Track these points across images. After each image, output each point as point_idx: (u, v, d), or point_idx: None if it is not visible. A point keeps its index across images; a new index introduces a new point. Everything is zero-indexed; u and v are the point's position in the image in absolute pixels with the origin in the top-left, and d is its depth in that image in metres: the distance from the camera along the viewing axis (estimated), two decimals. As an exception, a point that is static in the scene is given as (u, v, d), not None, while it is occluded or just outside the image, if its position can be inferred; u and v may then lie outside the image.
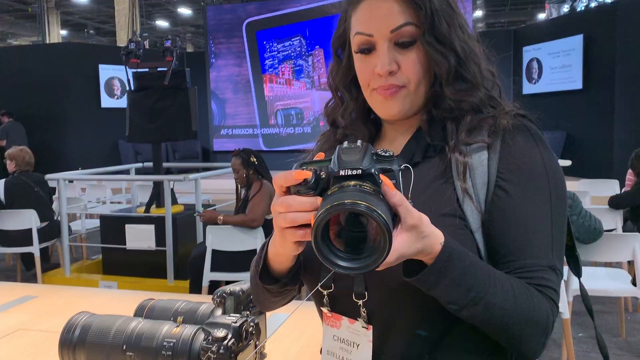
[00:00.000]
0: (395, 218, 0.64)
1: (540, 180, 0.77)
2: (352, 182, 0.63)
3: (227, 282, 1.37)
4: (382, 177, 0.64)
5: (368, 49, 0.82)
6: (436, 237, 0.67)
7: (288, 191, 0.67)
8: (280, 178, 0.67)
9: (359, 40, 0.82)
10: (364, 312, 0.78)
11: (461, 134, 0.80)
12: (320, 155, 0.70)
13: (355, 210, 0.59)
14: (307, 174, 0.66)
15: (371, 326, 0.79)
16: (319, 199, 0.65)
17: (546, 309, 0.73)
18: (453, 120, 0.83)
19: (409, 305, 0.77)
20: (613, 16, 8.72)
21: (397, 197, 0.63)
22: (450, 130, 0.82)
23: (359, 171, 0.64)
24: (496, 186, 0.78)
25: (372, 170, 0.64)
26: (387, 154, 0.67)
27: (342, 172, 0.64)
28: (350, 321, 0.81)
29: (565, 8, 11.75)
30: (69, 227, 4.95)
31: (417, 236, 0.65)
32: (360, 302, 0.78)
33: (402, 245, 0.64)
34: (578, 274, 0.95)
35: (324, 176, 0.66)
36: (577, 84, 9.28)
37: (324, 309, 0.84)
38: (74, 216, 6.09)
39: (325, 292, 0.81)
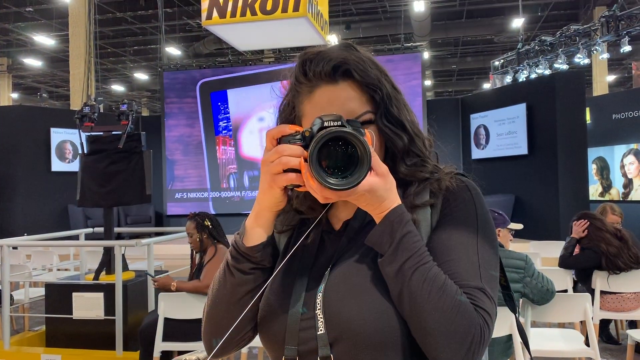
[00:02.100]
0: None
1: (469, 222, 0.85)
2: (335, 126, 0.77)
3: (180, 353, 1.31)
4: (366, 131, 0.80)
5: None
6: (396, 197, 0.80)
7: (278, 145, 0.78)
8: (274, 130, 0.78)
9: None
10: None
11: (407, 198, 0.86)
12: (295, 127, 0.80)
13: (342, 132, 0.74)
14: (299, 127, 0.79)
15: None
16: (306, 153, 0.76)
17: (478, 322, 0.76)
18: (401, 187, 0.88)
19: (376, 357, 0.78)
20: (552, 86, 9.30)
21: (371, 151, 0.75)
22: (400, 195, 0.88)
23: (340, 122, 0.77)
24: (435, 229, 0.86)
25: (348, 126, 0.77)
26: (355, 121, 0.81)
27: (326, 124, 0.76)
28: None
29: (508, 78, 12.44)
30: (11, 296, 4.69)
31: (384, 183, 0.77)
32: None
33: (373, 181, 0.76)
34: (513, 311, 1.02)
35: (307, 134, 0.77)
36: (522, 149, 9.71)
37: None
38: (17, 284, 5.78)
39: None
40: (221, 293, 0.87)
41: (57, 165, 10.85)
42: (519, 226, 3.22)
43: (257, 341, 0.91)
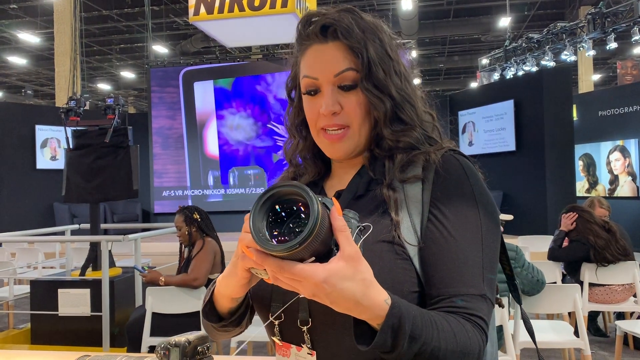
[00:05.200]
0: (335, 249, 0.65)
1: (471, 213, 0.81)
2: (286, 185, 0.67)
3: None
4: (333, 199, 0.67)
5: (314, 91, 0.88)
6: (379, 293, 0.68)
7: None
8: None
9: (306, 83, 0.88)
10: (307, 337, 0.82)
11: (395, 171, 0.85)
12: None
13: (285, 189, 0.63)
14: None
15: (315, 352, 0.82)
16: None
17: (478, 340, 0.75)
18: (390, 158, 0.88)
19: (351, 330, 0.77)
20: (539, 83, 9.35)
21: (340, 222, 0.65)
22: (387, 167, 0.87)
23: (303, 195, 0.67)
24: (430, 215, 0.82)
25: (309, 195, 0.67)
26: (351, 214, 0.70)
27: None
28: (298, 348, 0.84)
29: (496, 76, 12.50)
30: (-5, 293, 4.62)
31: (354, 271, 0.65)
32: (305, 328, 0.81)
33: (336, 270, 0.64)
34: (519, 301, 1.01)
35: None
36: (510, 146, 9.75)
37: (275, 339, 0.86)
38: (1, 282, 5.69)
39: (277, 322, 0.85)
40: (204, 324, 0.92)
41: (41, 163, 10.72)
42: (509, 217, 3.23)
43: (245, 335, 0.93)
